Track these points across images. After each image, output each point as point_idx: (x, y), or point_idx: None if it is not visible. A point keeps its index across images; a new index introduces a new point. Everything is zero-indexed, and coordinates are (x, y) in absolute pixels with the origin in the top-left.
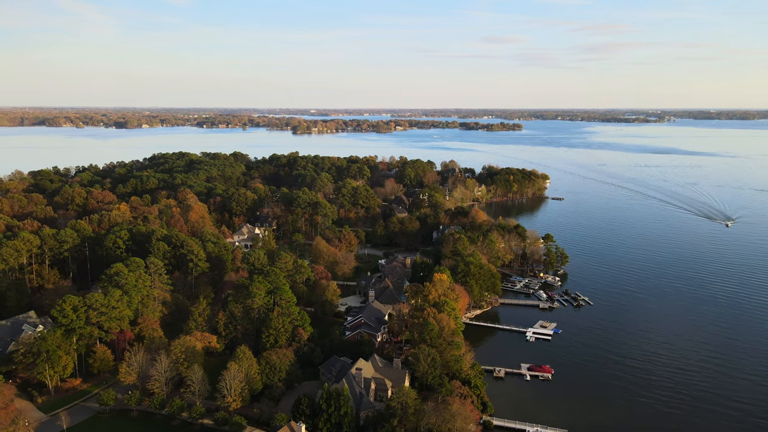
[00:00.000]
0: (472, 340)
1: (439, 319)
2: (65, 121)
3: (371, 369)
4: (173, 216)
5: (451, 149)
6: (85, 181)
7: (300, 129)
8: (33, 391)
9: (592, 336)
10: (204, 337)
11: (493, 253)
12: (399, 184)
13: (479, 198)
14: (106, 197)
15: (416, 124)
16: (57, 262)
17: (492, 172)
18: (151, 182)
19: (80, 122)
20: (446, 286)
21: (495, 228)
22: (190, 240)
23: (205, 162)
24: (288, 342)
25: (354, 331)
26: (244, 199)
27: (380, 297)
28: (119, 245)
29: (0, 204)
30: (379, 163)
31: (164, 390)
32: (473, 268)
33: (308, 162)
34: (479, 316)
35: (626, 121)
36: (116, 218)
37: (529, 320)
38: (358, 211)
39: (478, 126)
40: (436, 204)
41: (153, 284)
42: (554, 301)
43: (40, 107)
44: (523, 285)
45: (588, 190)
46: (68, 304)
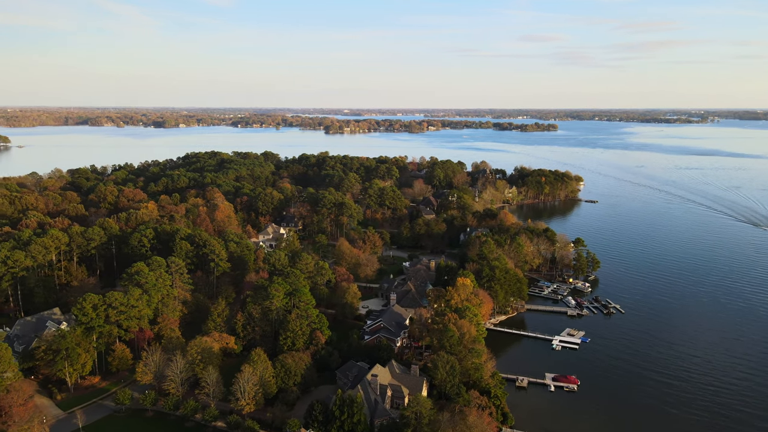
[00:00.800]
0: (496, 347)
1: (460, 325)
2: (106, 121)
3: (388, 375)
4: (199, 215)
5: (483, 150)
6: (119, 180)
7: (332, 129)
8: (53, 387)
9: (622, 346)
10: (222, 337)
11: (520, 257)
12: (427, 185)
13: (509, 200)
14: (137, 195)
15: (449, 124)
16: (85, 260)
17: (523, 174)
18: (182, 181)
19: (121, 122)
20: (469, 290)
21: (523, 231)
22: (213, 240)
23: (236, 161)
24: (305, 345)
25: (373, 335)
26: (270, 199)
27: (402, 300)
28: (144, 244)
29: (35, 201)
30: (409, 163)
31: (180, 391)
32: (498, 272)
33: (337, 162)
34: (504, 322)
35: (667, 121)
36: (143, 217)
37: (556, 327)
38: (385, 212)
39: (511, 126)
40: (464, 206)
41: (173, 283)
42: (583, 308)
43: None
44: (551, 290)
45: (624, 193)
46: (88, 303)
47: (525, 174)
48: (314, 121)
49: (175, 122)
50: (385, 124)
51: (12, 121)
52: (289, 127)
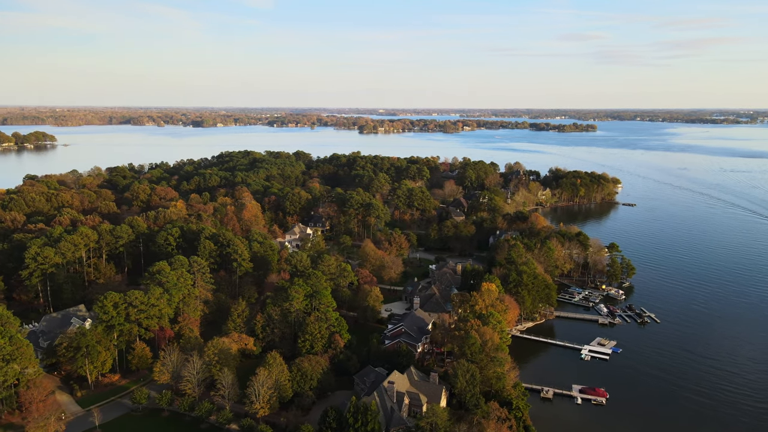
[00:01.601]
0: (521, 356)
1: (483, 332)
2: (148, 120)
3: (406, 382)
4: (227, 214)
5: (517, 150)
6: (154, 178)
7: (366, 128)
8: (74, 384)
9: (656, 358)
10: (241, 338)
11: (550, 261)
12: (458, 186)
13: (543, 202)
14: (169, 194)
15: (484, 125)
16: (113, 257)
17: (558, 175)
18: (214, 180)
19: (161, 121)
20: (494, 296)
21: (554, 235)
22: (237, 239)
23: (267, 161)
24: (324, 348)
25: (394, 340)
26: (298, 199)
27: (425, 305)
28: (170, 242)
29: (71, 199)
30: (441, 164)
31: (196, 391)
32: (526, 277)
33: (367, 162)
34: (531, 329)
35: (713, 122)
36: (171, 215)
37: (586, 336)
38: (413, 213)
39: (549, 127)
40: (494, 208)
41: (195, 283)
42: (616, 317)
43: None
44: (582, 297)
45: (664, 196)
46: (109, 301)
47: (560, 175)
48: (349, 121)
49: (213, 122)
50: (420, 124)
51: (60, 120)
52: (324, 126)
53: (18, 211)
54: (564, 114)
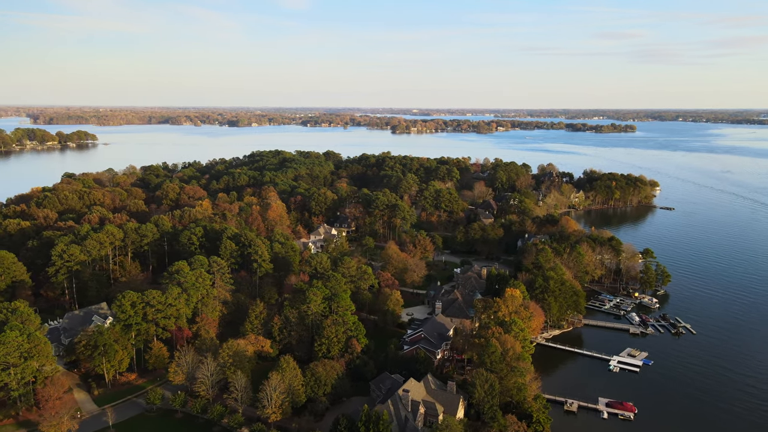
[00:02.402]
0: (545, 365)
1: (504, 340)
2: (185, 120)
3: (422, 391)
4: (251, 214)
5: (552, 152)
6: (185, 177)
7: (399, 128)
8: (92, 382)
9: (690, 372)
10: (258, 340)
11: (580, 267)
12: (488, 188)
13: (576, 205)
14: (197, 193)
15: (519, 125)
16: (138, 255)
17: (592, 177)
18: (242, 179)
19: (198, 121)
20: (518, 302)
21: (585, 239)
22: (258, 240)
23: (297, 160)
24: (340, 353)
25: (412, 345)
26: (324, 199)
27: (447, 310)
28: (193, 242)
29: (102, 197)
30: (472, 164)
31: (210, 393)
32: (552, 283)
33: (396, 162)
34: (557, 337)
35: (761, 122)
36: (196, 214)
37: (616, 346)
38: (441, 214)
39: (585, 127)
40: (524, 210)
41: (214, 283)
42: (648, 326)
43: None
44: (613, 305)
45: (705, 200)
46: (127, 300)
47: (594, 177)
48: (382, 121)
49: (248, 121)
50: (453, 125)
51: (102, 120)
52: (357, 126)
53: (51, 209)
54: (602, 114)
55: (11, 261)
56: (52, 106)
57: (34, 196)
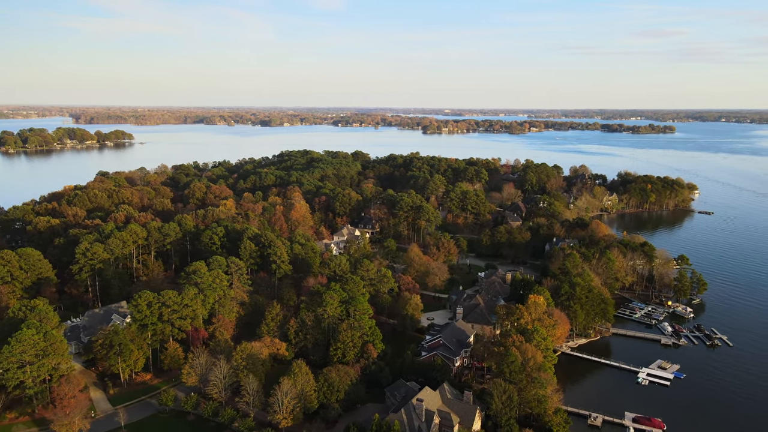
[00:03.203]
0: (570, 376)
1: (524, 349)
2: (219, 120)
3: (438, 400)
4: (275, 214)
5: (586, 153)
6: (214, 176)
7: (430, 129)
8: (108, 381)
9: (725, 388)
10: (273, 343)
11: (610, 273)
12: (518, 190)
13: (608, 208)
14: (223, 192)
15: (553, 126)
16: (162, 254)
17: (626, 180)
18: (269, 179)
19: (231, 120)
20: (542, 310)
21: (616, 244)
22: (278, 241)
23: (324, 160)
24: (356, 358)
25: (430, 352)
26: (348, 200)
27: (469, 315)
28: (215, 241)
29: (131, 196)
30: (502, 166)
31: (223, 396)
32: (579, 290)
33: (424, 163)
34: (583, 347)
35: None
36: (219, 214)
37: (646, 358)
38: (467, 216)
39: (622, 128)
40: (553, 213)
41: (232, 284)
42: (681, 337)
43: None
44: (644, 314)
45: (746, 205)
46: (143, 300)
47: (628, 180)
48: (413, 121)
49: (280, 121)
50: (485, 125)
51: (140, 120)
52: (388, 126)
53: (81, 207)
54: (640, 114)
55: (37, 258)
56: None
57: (65, 194)
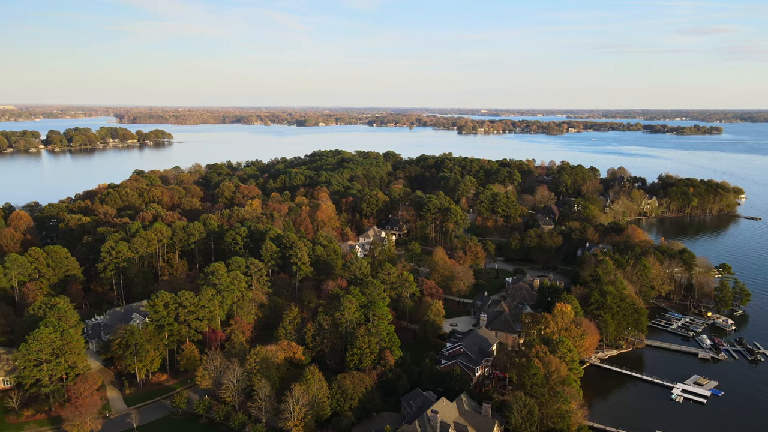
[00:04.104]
0: (598, 389)
1: (548, 361)
2: (256, 120)
3: (454, 412)
4: (300, 214)
5: (626, 154)
6: (245, 176)
7: (465, 129)
8: (125, 381)
9: (767, 407)
10: (290, 347)
11: (645, 281)
12: (551, 193)
13: (647, 212)
14: (252, 192)
15: (592, 126)
16: (186, 253)
17: (667, 183)
18: (298, 179)
19: (268, 120)
20: (569, 319)
21: (653, 251)
22: (300, 242)
23: (355, 160)
24: (372, 365)
25: (450, 360)
26: (375, 201)
27: (493, 322)
28: (238, 242)
29: (161, 194)
30: (537, 167)
31: (236, 399)
32: (610, 299)
33: (455, 164)
34: (614, 358)
35: None
36: (244, 214)
37: (681, 372)
38: (497, 219)
39: (665, 129)
40: (587, 217)
41: (251, 285)
42: (720, 351)
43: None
44: (681, 325)
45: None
46: (160, 300)
47: (669, 183)
48: (448, 121)
49: (315, 121)
50: (522, 125)
51: (180, 120)
52: (423, 126)
53: (112, 205)
54: (684, 115)
55: (64, 256)
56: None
57: (99, 192)
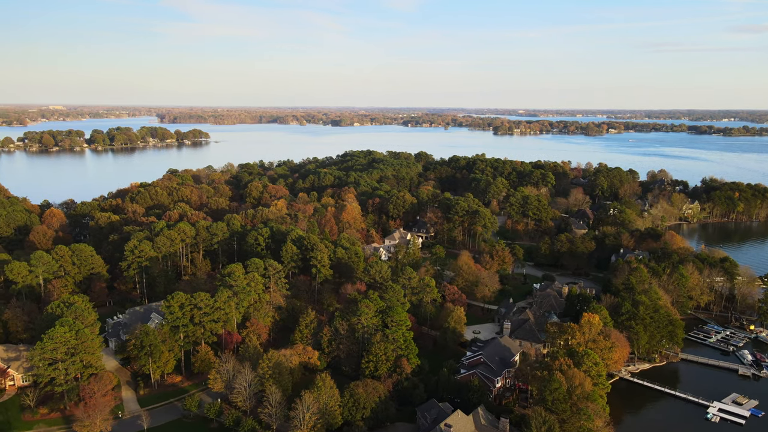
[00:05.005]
0: (627, 405)
1: (571, 375)
2: (292, 119)
3: (470, 426)
4: (325, 215)
5: (668, 156)
6: (275, 175)
7: (501, 130)
8: (141, 381)
9: None
10: (305, 351)
11: (682, 291)
12: (586, 196)
13: (688, 217)
14: (279, 192)
15: (634, 127)
16: (210, 253)
17: (711, 186)
18: (327, 179)
19: (303, 120)
20: (596, 330)
21: (692, 259)
22: (321, 244)
23: (385, 161)
24: (388, 372)
25: (469, 370)
26: (402, 202)
27: (517, 331)
28: (259, 242)
29: (190, 194)
30: (573, 169)
31: (248, 404)
32: (643, 309)
33: (487, 165)
34: (646, 373)
35: None
36: (268, 215)
37: (719, 390)
38: (528, 223)
39: (712, 130)
40: (623, 221)
41: (267, 287)
42: (763, 368)
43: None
44: (720, 338)
45: None
46: (176, 301)
47: (713, 187)
48: (484, 122)
49: (350, 121)
50: (559, 126)
51: (218, 119)
52: (458, 127)
53: (142, 204)
54: (733, 116)
55: (89, 254)
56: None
57: (130, 190)
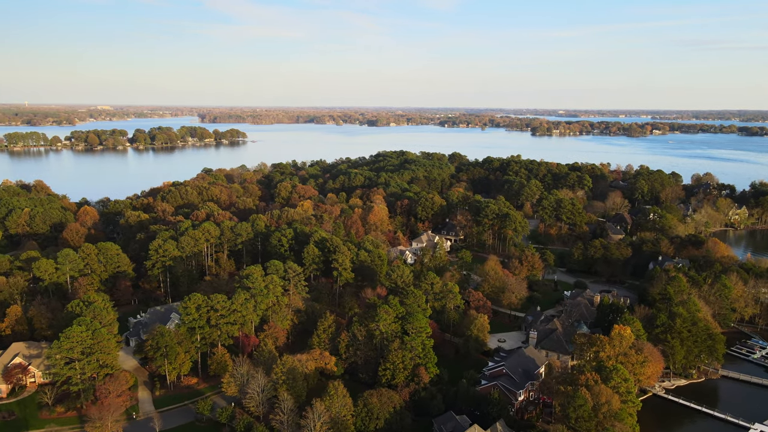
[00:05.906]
0: (661, 424)
1: (598, 391)
2: (329, 119)
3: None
4: (351, 216)
5: (716, 158)
6: (307, 175)
7: (539, 130)
8: (157, 382)
9: None
10: (322, 356)
11: (725, 302)
12: (625, 199)
13: (735, 223)
14: (308, 192)
15: (679, 128)
16: (234, 253)
17: (760, 191)
18: (358, 179)
19: (340, 120)
20: (627, 343)
21: (736, 268)
22: (344, 246)
23: (418, 161)
24: (405, 381)
25: (491, 381)
26: (431, 204)
27: (544, 341)
28: (283, 243)
29: (219, 193)
30: (612, 172)
31: (261, 410)
32: (680, 322)
33: (521, 167)
34: (682, 389)
35: None
36: (294, 215)
37: (761, 410)
38: (561, 227)
39: (764, 131)
40: (662, 227)
41: (287, 290)
42: None
43: (315, 107)
44: (765, 354)
45: None
46: (192, 303)
47: (763, 191)
48: (522, 122)
49: (386, 121)
50: (600, 127)
51: (256, 119)
52: (496, 127)
53: (172, 203)
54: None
55: (115, 252)
56: (218, 107)
57: (162, 189)
